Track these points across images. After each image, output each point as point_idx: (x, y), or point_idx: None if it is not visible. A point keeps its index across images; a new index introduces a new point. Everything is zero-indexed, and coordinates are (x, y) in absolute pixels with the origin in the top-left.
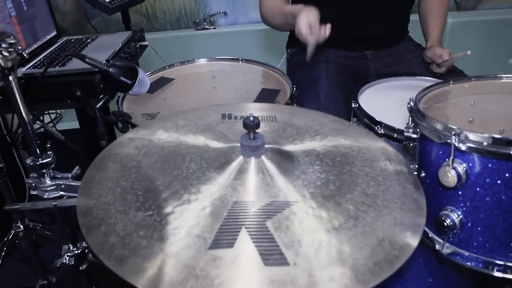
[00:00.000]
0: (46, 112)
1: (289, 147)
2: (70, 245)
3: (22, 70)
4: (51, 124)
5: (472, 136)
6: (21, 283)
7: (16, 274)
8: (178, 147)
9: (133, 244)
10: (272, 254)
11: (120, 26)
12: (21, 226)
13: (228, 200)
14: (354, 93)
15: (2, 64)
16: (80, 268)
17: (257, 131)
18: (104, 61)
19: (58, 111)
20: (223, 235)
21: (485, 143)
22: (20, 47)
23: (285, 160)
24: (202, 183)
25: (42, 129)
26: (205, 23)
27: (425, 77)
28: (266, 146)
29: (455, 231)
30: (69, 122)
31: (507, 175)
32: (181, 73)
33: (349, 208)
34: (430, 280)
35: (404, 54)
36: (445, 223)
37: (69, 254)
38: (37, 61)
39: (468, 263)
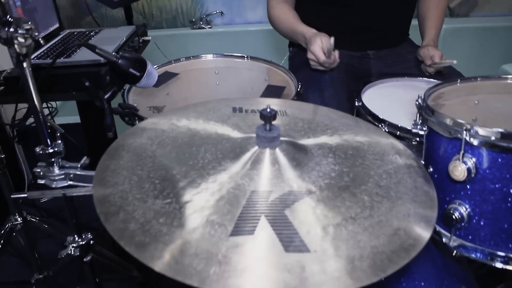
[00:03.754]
0: (44, 105)
1: (302, 141)
2: (76, 236)
3: None
4: (49, 117)
5: (481, 131)
6: (16, 277)
7: (10, 268)
8: (192, 137)
9: (153, 230)
10: (292, 241)
11: (115, 23)
12: (19, 219)
13: (245, 189)
14: (356, 92)
15: (18, 50)
16: (84, 259)
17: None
18: (113, 53)
19: (54, 104)
20: (243, 223)
21: (493, 138)
22: (36, 33)
23: (299, 152)
24: (219, 172)
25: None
26: (201, 22)
27: (426, 79)
28: (281, 138)
29: (463, 224)
30: (65, 116)
31: None
32: (186, 68)
33: (364, 198)
34: (435, 272)
35: (405, 55)
36: (454, 216)
37: (74, 245)
38: (41, 52)
39: (473, 254)
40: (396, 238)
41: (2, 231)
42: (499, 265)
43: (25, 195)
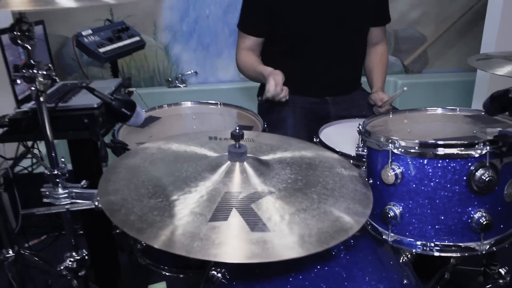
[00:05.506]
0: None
1: (265, 157)
2: (73, 251)
3: (28, 105)
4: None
5: (403, 143)
6: None
7: None
8: (177, 157)
9: (149, 220)
10: (256, 224)
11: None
12: (11, 252)
13: (220, 191)
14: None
15: (38, 87)
16: (79, 273)
17: (241, 142)
18: (108, 95)
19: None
20: (218, 213)
21: (413, 147)
22: (53, 74)
23: (262, 165)
24: (199, 180)
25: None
26: (177, 81)
27: None
28: (248, 155)
29: (397, 220)
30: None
31: (430, 170)
32: (167, 113)
33: (314, 196)
34: (377, 269)
35: (358, 100)
36: (389, 215)
37: (71, 259)
38: None
39: (408, 248)
40: (337, 223)
41: None
42: (436, 253)
43: (33, 210)
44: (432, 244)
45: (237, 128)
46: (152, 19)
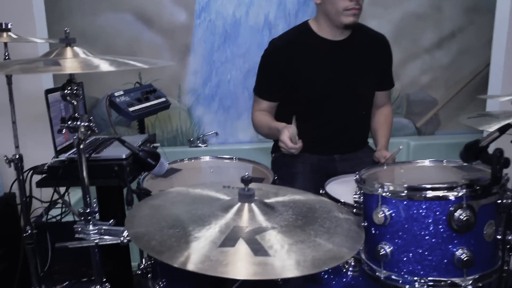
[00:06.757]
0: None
1: (271, 200)
2: (98, 284)
3: (65, 155)
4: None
5: (392, 187)
6: None
7: None
8: (194, 199)
9: (168, 245)
10: (259, 250)
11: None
12: None
13: (230, 225)
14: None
15: (80, 136)
16: None
17: (249, 186)
18: (137, 146)
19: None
20: (227, 241)
21: (400, 191)
22: (93, 124)
23: (267, 207)
24: (212, 217)
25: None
26: (198, 141)
27: None
28: (255, 198)
29: (388, 258)
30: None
31: (416, 211)
32: (187, 166)
33: (311, 232)
34: None
35: (363, 158)
36: (380, 253)
37: None
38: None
39: (399, 284)
40: (330, 252)
41: None
42: None
43: (67, 244)
44: (423, 280)
45: (247, 174)
46: (177, 83)
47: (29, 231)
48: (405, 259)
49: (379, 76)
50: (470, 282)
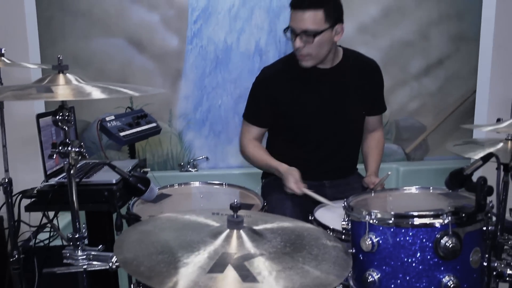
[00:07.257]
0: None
1: (259, 227)
2: None
3: (55, 179)
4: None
5: (379, 215)
6: None
7: None
8: (183, 226)
9: (157, 270)
10: (248, 276)
11: (114, 158)
12: None
13: (219, 251)
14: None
15: (70, 161)
16: None
17: (238, 213)
18: (127, 172)
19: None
20: (216, 267)
21: (387, 218)
22: (84, 150)
23: (256, 234)
24: (201, 243)
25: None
26: (188, 166)
27: None
28: (244, 225)
29: (376, 285)
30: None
31: (402, 239)
32: (177, 192)
33: (299, 259)
34: None
35: (353, 184)
36: (368, 280)
37: None
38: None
39: None
40: (317, 280)
41: None
42: None
43: (55, 269)
44: None
45: (236, 201)
46: (168, 107)
47: (16, 256)
48: (393, 286)
49: (370, 102)
50: None
